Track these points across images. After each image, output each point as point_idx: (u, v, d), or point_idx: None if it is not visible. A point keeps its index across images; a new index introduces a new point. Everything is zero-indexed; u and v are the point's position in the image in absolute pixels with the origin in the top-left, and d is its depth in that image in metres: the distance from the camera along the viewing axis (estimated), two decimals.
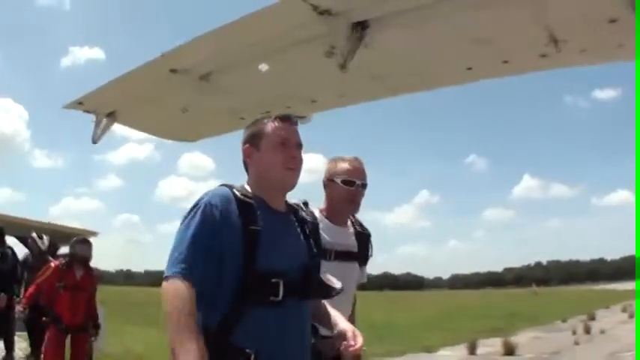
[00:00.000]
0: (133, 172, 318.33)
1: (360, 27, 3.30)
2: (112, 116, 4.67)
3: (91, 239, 7.63)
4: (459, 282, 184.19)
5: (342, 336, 2.37)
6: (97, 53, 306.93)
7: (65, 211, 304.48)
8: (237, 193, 2.24)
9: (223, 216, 2.16)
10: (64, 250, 8.84)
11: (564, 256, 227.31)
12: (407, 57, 3.77)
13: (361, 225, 3.29)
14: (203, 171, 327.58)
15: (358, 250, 3.20)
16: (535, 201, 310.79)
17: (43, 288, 7.01)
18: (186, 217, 2.19)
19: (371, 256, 3.30)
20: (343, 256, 3.10)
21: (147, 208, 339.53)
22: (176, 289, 2.02)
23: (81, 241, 7.33)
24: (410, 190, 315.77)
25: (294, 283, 2.23)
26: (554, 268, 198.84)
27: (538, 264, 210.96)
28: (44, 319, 7.02)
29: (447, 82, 4.28)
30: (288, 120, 2.40)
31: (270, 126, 2.35)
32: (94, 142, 4.75)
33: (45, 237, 9.56)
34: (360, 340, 2.34)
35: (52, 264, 7.20)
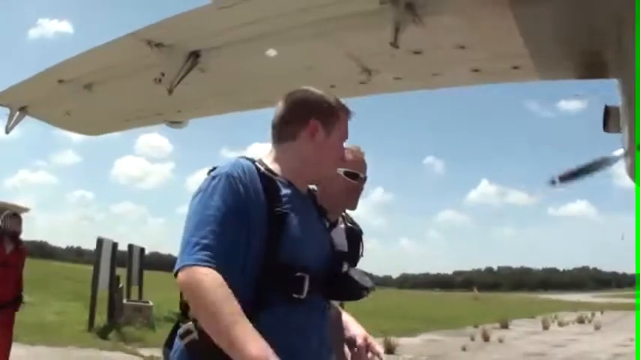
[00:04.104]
0: (90, 149, 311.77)
1: (194, 55, 3.87)
2: (24, 110, 5.23)
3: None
4: (408, 282, 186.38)
5: (352, 343, 2.19)
6: (65, 27, 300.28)
7: (21, 183, 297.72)
8: (260, 167, 1.93)
9: (248, 190, 1.83)
10: None
11: (516, 263, 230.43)
12: (241, 79, 4.37)
13: (352, 221, 2.92)
14: (161, 152, 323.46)
15: (349, 250, 2.75)
16: (491, 206, 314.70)
17: None
18: (201, 192, 1.84)
19: (362, 256, 2.90)
20: None
21: (102, 187, 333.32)
22: (207, 280, 1.67)
23: (11, 215, 7.43)
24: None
25: (320, 278, 1.92)
26: (504, 274, 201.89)
27: (489, 269, 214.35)
28: None
29: None
30: (350, 115, 2.14)
31: (342, 117, 2.09)
32: (7, 132, 5.31)
33: None
34: (377, 349, 2.16)
35: None
